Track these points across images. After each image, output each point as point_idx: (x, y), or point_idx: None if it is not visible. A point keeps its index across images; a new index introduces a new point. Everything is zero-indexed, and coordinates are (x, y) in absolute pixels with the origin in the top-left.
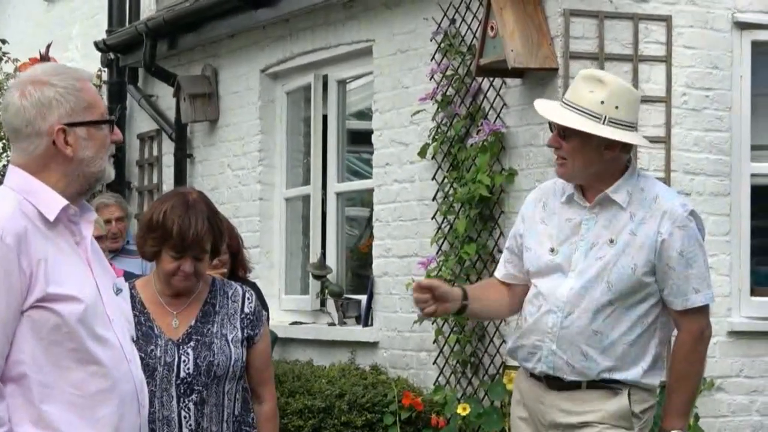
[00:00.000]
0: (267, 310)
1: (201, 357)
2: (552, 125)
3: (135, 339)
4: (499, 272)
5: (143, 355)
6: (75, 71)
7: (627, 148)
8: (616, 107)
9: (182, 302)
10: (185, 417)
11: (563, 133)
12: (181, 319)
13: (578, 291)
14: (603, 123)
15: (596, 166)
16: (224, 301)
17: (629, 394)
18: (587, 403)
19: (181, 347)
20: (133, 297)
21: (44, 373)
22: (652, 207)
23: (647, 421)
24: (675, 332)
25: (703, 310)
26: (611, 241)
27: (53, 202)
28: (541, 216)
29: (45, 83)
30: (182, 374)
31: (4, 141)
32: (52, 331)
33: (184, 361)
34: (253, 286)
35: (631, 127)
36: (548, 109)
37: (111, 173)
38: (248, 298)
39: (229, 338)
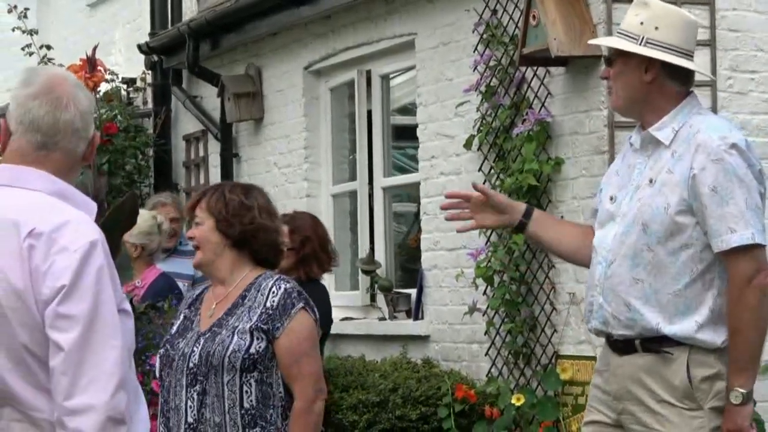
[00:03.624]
0: (328, 312)
1: (204, 348)
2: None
3: (171, 335)
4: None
5: (169, 346)
6: None
7: (675, 74)
8: (656, 28)
9: (222, 293)
10: (190, 406)
11: (609, 62)
12: (216, 310)
13: (619, 237)
14: (639, 43)
15: (639, 91)
16: (254, 294)
17: (688, 360)
18: (646, 372)
19: (200, 339)
20: (203, 291)
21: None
22: (690, 141)
23: (720, 394)
24: None
25: (747, 253)
26: (651, 182)
27: (90, 205)
28: (617, 167)
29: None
30: (190, 364)
31: None
32: (128, 333)
33: (194, 351)
34: (317, 286)
35: (676, 50)
36: (599, 39)
37: None
38: (273, 292)
39: (237, 329)
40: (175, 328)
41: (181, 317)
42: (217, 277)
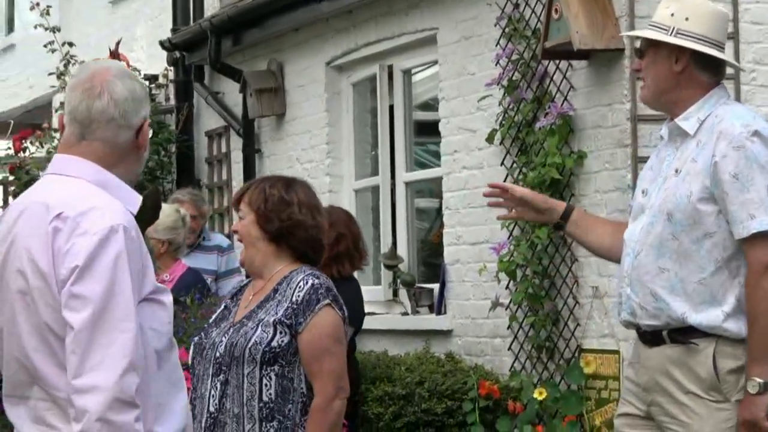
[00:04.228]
0: (360, 309)
1: (230, 338)
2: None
3: (208, 323)
4: None
5: (203, 335)
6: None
7: (705, 65)
8: (686, 18)
9: (259, 286)
10: (213, 395)
11: (640, 54)
12: (252, 302)
13: (646, 228)
14: (670, 34)
15: (668, 81)
16: (285, 288)
17: (714, 351)
18: (673, 363)
19: (230, 329)
20: (248, 284)
21: (153, 364)
22: (714, 130)
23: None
24: None
25: (766, 239)
26: (676, 171)
27: (133, 196)
28: (651, 163)
29: (136, 80)
30: (217, 354)
31: None
32: (162, 322)
33: (222, 341)
34: (351, 283)
35: (706, 40)
36: (631, 31)
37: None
38: (300, 287)
39: (262, 322)
40: (213, 317)
41: (222, 306)
42: (256, 270)
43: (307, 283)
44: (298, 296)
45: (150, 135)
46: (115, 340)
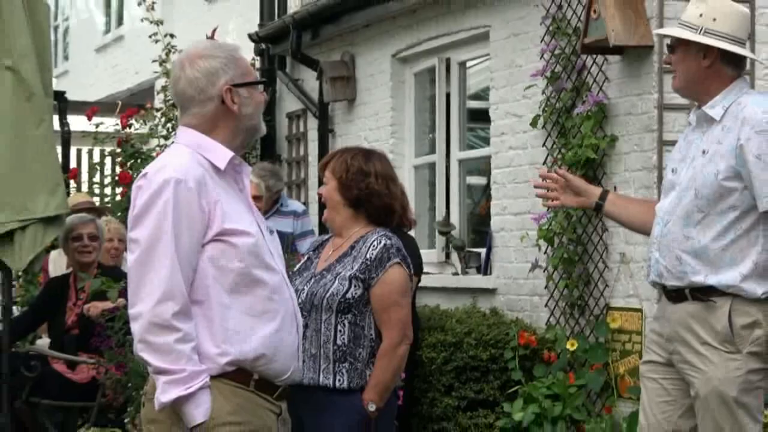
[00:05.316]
0: (419, 262)
1: (311, 288)
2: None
3: (292, 272)
4: None
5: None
6: (229, 45)
7: (729, 60)
8: (714, 19)
9: (339, 243)
10: None
11: (671, 49)
12: (331, 257)
13: (674, 201)
14: (699, 33)
15: (697, 75)
16: (361, 246)
17: (730, 308)
18: (693, 317)
19: (311, 279)
20: (329, 239)
21: (222, 296)
22: (738, 116)
23: (758, 340)
24: None
25: None
26: (703, 152)
27: (222, 154)
28: (679, 146)
29: (210, 56)
30: (299, 301)
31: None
32: (230, 260)
33: (304, 290)
34: (404, 236)
35: (730, 39)
36: (664, 29)
37: (264, 128)
38: (373, 246)
39: (339, 275)
40: (297, 266)
41: (305, 258)
42: (337, 230)
43: (380, 243)
44: (372, 254)
45: (262, 89)
46: (156, 274)
